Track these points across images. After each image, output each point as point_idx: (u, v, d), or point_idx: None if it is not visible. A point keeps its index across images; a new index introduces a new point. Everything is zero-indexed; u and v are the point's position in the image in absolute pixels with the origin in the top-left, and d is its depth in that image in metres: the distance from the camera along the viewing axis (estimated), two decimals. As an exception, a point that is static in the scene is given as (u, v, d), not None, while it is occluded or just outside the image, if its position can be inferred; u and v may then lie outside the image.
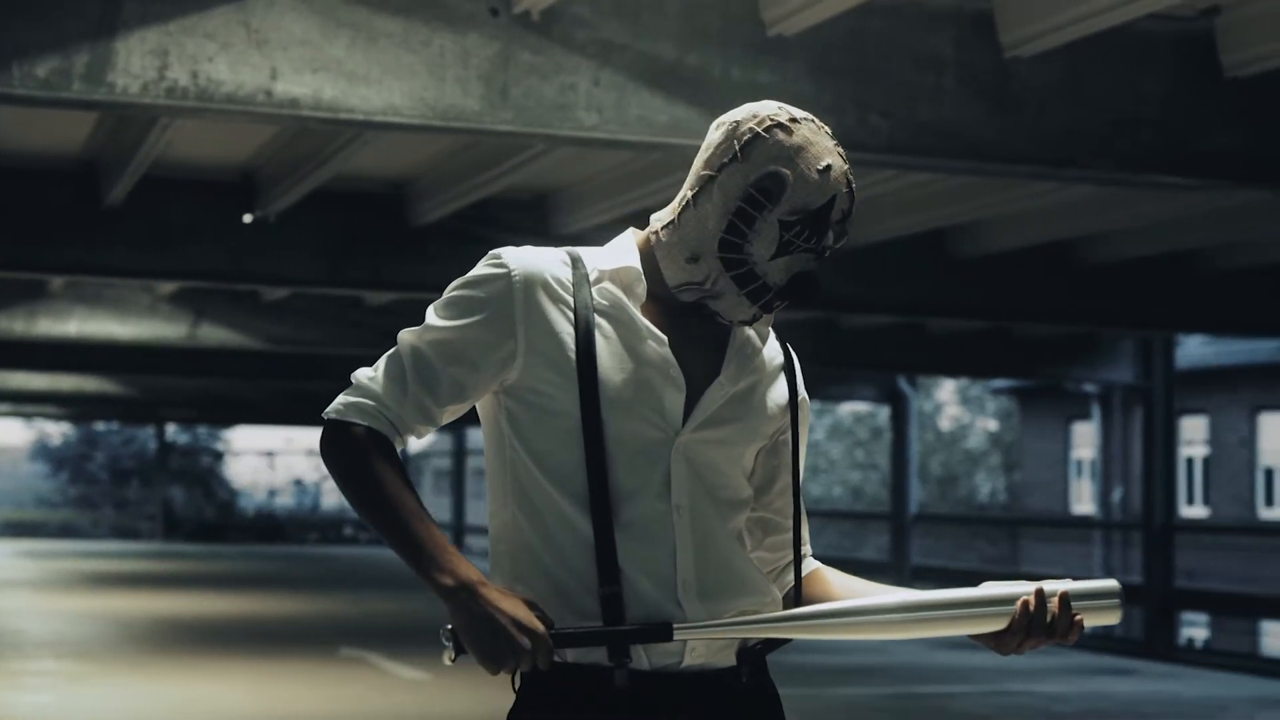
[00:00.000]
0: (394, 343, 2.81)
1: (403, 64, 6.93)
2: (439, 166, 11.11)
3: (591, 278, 2.77)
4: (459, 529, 36.33)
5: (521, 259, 2.75)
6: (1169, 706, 12.64)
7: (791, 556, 2.94)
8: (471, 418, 2.86)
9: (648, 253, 2.81)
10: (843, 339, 17.13)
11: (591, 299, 2.75)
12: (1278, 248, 13.18)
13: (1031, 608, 2.71)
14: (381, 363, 2.77)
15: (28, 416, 40.01)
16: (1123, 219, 11.98)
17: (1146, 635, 17.34)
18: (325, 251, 12.17)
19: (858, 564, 28.38)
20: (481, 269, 2.75)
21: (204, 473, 44.77)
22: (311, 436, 51.51)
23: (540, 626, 2.61)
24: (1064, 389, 31.43)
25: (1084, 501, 33.15)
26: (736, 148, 2.74)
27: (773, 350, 2.89)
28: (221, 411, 33.03)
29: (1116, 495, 30.88)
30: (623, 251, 2.81)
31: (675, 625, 2.67)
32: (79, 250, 11.65)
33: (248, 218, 11.58)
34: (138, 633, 15.87)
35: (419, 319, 2.81)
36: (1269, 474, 29.31)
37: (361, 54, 6.89)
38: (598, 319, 2.74)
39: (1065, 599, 2.72)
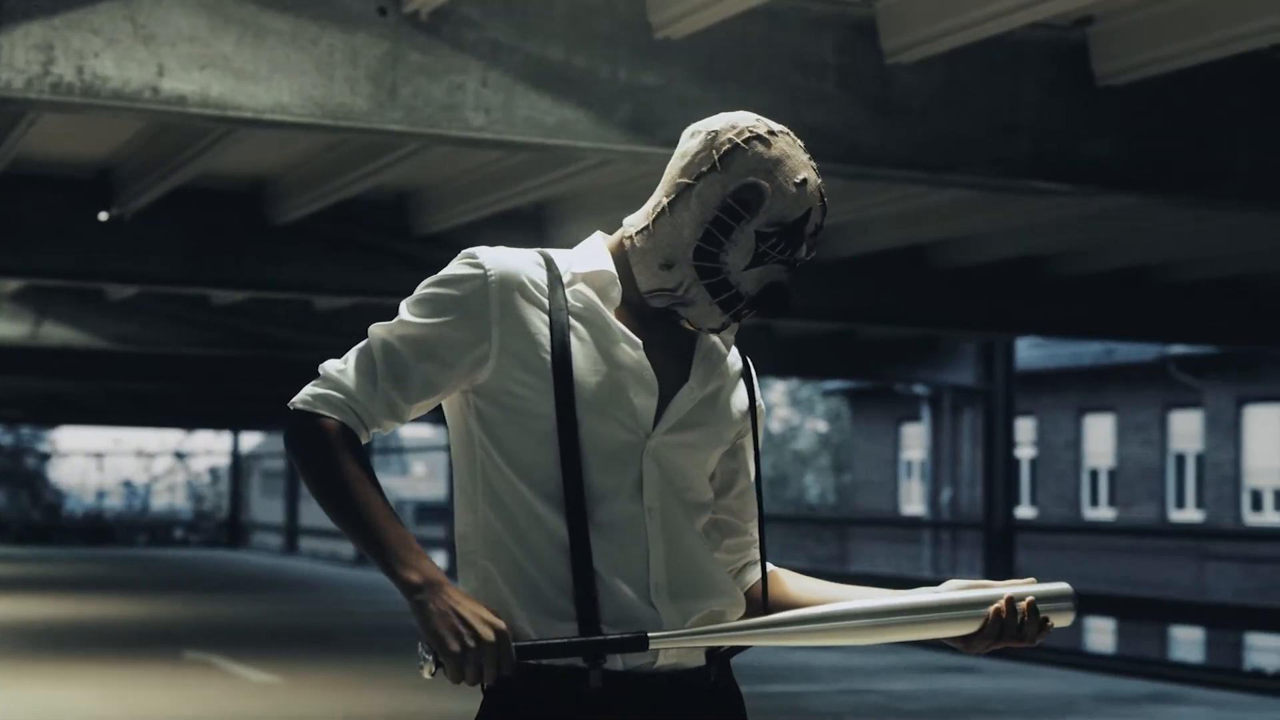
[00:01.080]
0: (241, 343, 2.80)
1: (291, 62, 6.88)
2: (301, 167, 11.02)
3: (565, 279, 2.78)
4: (292, 531, 35.99)
5: (497, 259, 2.76)
6: (1016, 703, 12.83)
7: (751, 557, 2.97)
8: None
9: (620, 257, 2.83)
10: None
11: (566, 301, 2.77)
12: (1116, 254, 13.48)
13: (1004, 614, 2.76)
14: (351, 356, 2.76)
15: None
16: (972, 225, 12.18)
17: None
18: (182, 250, 12.02)
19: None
20: (457, 268, 2.76)
21: (29, 474, 43.89)
22: (141, 437, 50.79)
23: (502, 624, 2.62)
24: (894, 390, 31.84)
25: (913, 502, 33.61)
26: (715, 157, 2.76)
27: (733, 357, 2.92)
28: (48, 411, 32.41)
29: (945, 496, 31.35)
30: (596, 255, 2.82)
31: (650, 635, 2.67)
32: (-73, 248, 11.43)
33: (103, 216, 11.39)
34: (-14, 639, 15.55)
35: (270, 319, 2.81)
36: (1094, 475, 29.92)
37: (250, 51, 6.83)
38: (572, 321, 2.76)
39: (1034, 605, 2.76)
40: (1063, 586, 2.82)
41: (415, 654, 2.70)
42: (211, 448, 50.39)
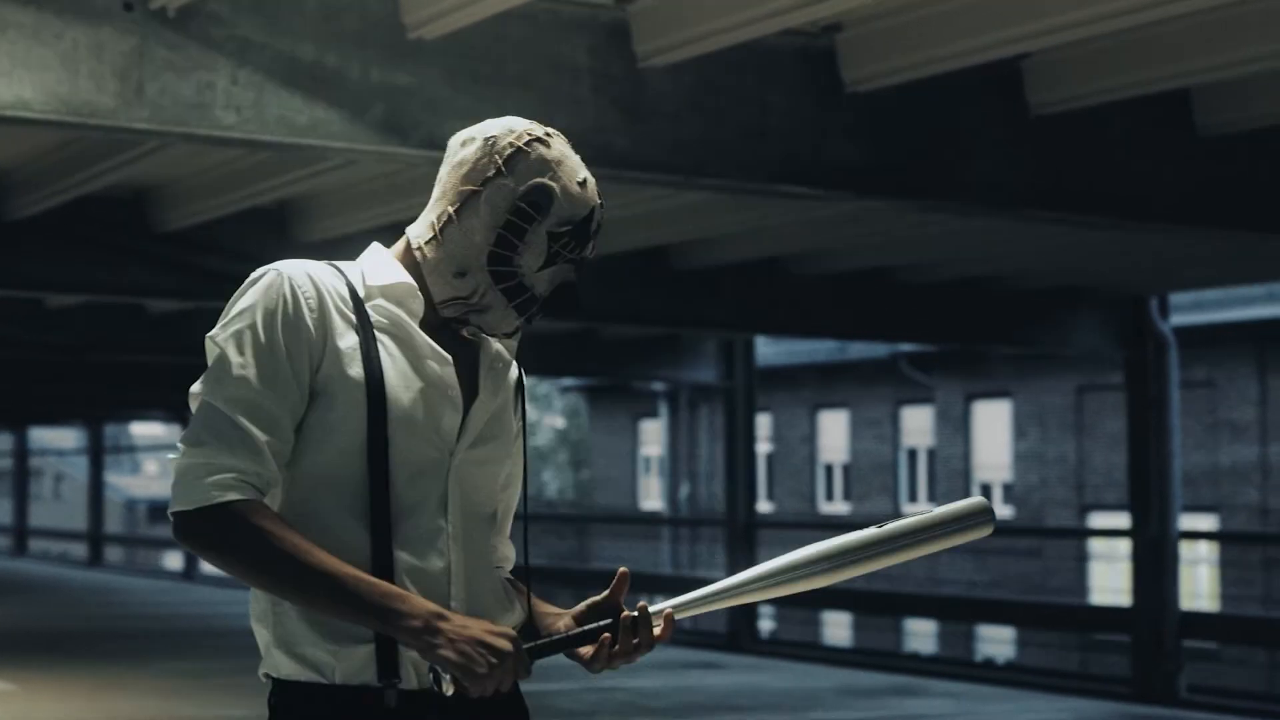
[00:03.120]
0: None
1: (34, 56, 6.69)
2: (37, 161, 10.72)
3: (361, 293, 2.76)
4: (21, 532, 35.05)
5: (302, 272, 2.73)
6: (761, 698, 13.03)
7: (499, 565, 2.96)
8: (33, 415, 2.77)
9: (412, 268, 2.82)
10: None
11: (369, 315, 2.74)
12: (847, 257, 13.73)
13: (615, 636, 2.79)
14: (202, 432, 2.64)
15: None
16: (715, 226, 12.31)
17: (730, 629, 17.82)
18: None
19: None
20: (265, 290, 2.70)
21: None
22: None
23: (511, 631, 2.64)
24: (632, 387, 32.05)
25: (652, 498, 33.88)
26: (499, 162, 2.77)
27: (511, 364, 2.93)
28: None
29: (684, 492, 31.65)
30: (388, 267, 2.80)
31: (650, 608, 2.75)
32: None
33: None
34: None
35: (7, 317, 2.72)
36: (829, 470, 30.44)
37: (-10, 45, 6.63)
38: (379, 335, 2.74)
39: (643, 615, 2.79)
40: (979, 500, 2.91)
41: (160, 658, 2.66)
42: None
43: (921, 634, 25.94)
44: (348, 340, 2.71)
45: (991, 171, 8.33)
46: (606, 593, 2.82)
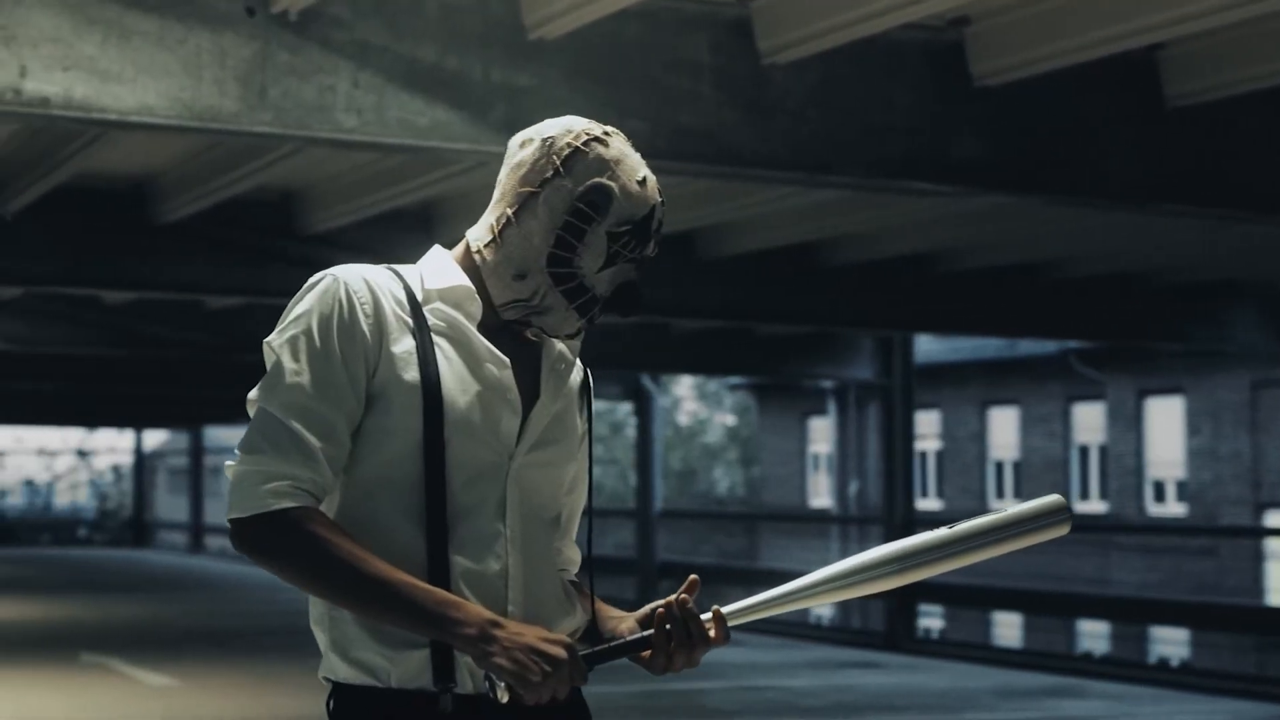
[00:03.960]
0: (132, 343, 2.72)
1: (158, 63, 6.78)
2: (183, 165, 10.90)
3: (419, 297, 2.75)
4: (198, 529, 35.70)
5: (359, 277, 2.72)
6: (916, 698, 12.90)
7: (563, 568, 2.94)
8: (211, 414, 2.78)
9: (471, 271, 2.80)
10: (587, 338, 17.07)
11: (426, 319, 2.73)
12: (1004, 251, 13.55)
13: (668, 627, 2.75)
14: (257, 439, 2.64)
15: None
16: (861, 223, 12.21)
17: (888, 628, 17.67)
18: (63, 250, 11.86)
19: (601, 561, 28.42)
20: (320, 295, 2.69)
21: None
22: (43, 435, 50.18)
23: (566, 638, 2.62)
24: (800, 384, 31.91)
25: (821, 495, 33.72)
26: (557, 163, 2.74)
27: (576, 367, 2.91)
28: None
29: (852, 489, 31.46)
30: (447, 270, 2.79)
31: (702, 615, 2.74)
32: None
33: (-15, 214, 11.23)
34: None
35: (160, 319, 2.72)
36: (999, 467, 30.09)
37: (115, 52, 6.73)
38: (437, 339, 2.72)
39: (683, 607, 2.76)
40: (1056, 498, 2.87)
41: (316, 656, 2.68)
42: (115, 445, 49.85)
43: (1094, 635, 25.54)
44: (404, 344, 2.69)
45: (1125, 166, 8.16)
46: (674, 597, 2.78)
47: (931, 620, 24.77)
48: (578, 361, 2.91)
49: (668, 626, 2.74)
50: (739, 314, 14.38)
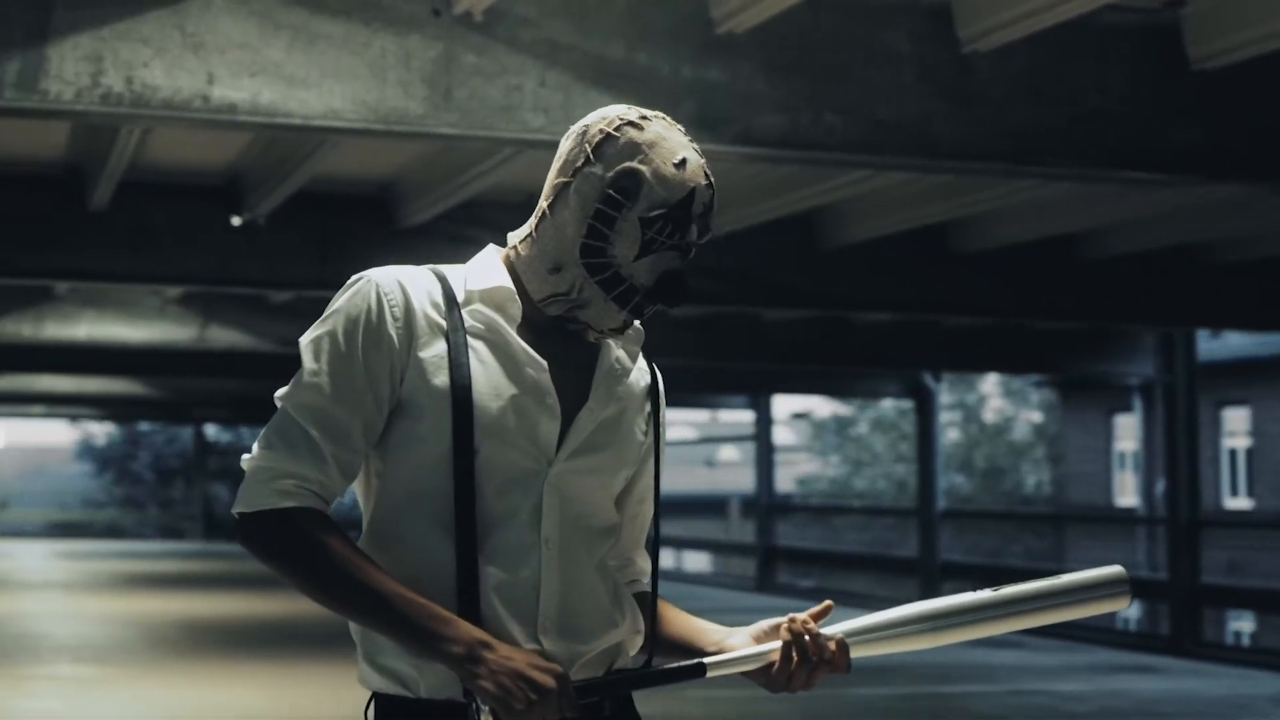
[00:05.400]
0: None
1: (343, 66, 6.81)
2: (423, 168, 11.00)
3: (460, 298, 2.68)
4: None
5: (393, 280, 2.66)
6: (1187, 705, 12.46)
7: (628, 577, 2.86)
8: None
9: (512, 270, 2.72)
10: (858, 336, 16.89)
11: (463, 321, 2.66)
12: (1263, 243, 12.98)
13: (794, 646, 2.68)
14: (273, 437, 2.61)
15: (62, 417, 39.95)
16: (1120, 212, 11.80)
17: (1172, 631, 17.11)
18: (314, 253, 12.06)
19: (895, 562, 28.11)
20: (351, 296, 2.65)
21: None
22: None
23: (558, 668, 2.54)
24: (1105, 381, 31.14)
25: (1127, 494, 32.88)
26: (588, 150, 2.66)
27: (639, 370, 2.80)
28: (255, 411, 32.88)
29: (1159, 487, 30.58)
30: (491, 270, 2.71)
31: (706, 660, 2.66)
32: (65, 254, 11.57)
33: (236, 220, 11.49)
34: (161, 636, 15.66)
35: None
36: (1314, 464, 29.00)
37: (301, 56, 6.78)
38: (472, 342, 2.65)
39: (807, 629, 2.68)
40: (1116, 569, 2.72)
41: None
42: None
43: None
44: (434, 349, 2.63)
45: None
46: (802, 615, 2.70)
47: (1243, 624, 23.96)
48: (645, 364, 2.81)
49: (793, 644, 2.67)
50: (998, 310, 14.00)
